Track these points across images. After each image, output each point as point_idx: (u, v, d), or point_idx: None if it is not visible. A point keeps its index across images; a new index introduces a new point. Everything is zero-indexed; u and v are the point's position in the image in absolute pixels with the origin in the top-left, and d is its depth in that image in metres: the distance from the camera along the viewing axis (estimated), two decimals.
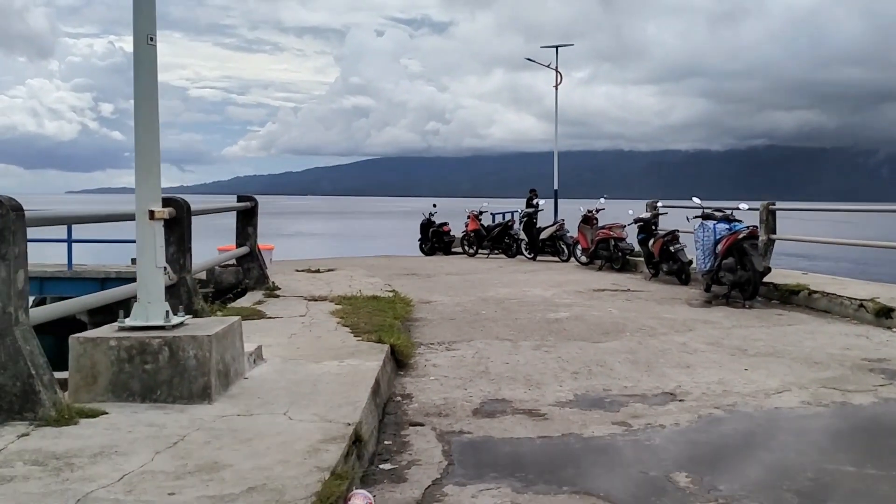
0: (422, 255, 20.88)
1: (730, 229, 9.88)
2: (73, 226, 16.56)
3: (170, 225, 5.89)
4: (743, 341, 6.96)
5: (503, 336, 7.26)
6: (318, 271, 11.59)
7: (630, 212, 13.69)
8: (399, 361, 5.89)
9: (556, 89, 28.80)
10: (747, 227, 9.50)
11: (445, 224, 20.70)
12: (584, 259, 15.07)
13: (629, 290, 11.02)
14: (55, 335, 5.89)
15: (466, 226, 19.57)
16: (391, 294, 8.82)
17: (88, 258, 17.84)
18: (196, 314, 5.94)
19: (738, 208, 10.57)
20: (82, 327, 14.23)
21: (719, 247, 9.78)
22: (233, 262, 9.25)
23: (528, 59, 28.79)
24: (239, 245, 9.05)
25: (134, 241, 12.36)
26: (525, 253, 17.42)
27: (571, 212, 22.56)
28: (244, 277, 9.17)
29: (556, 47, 28.59)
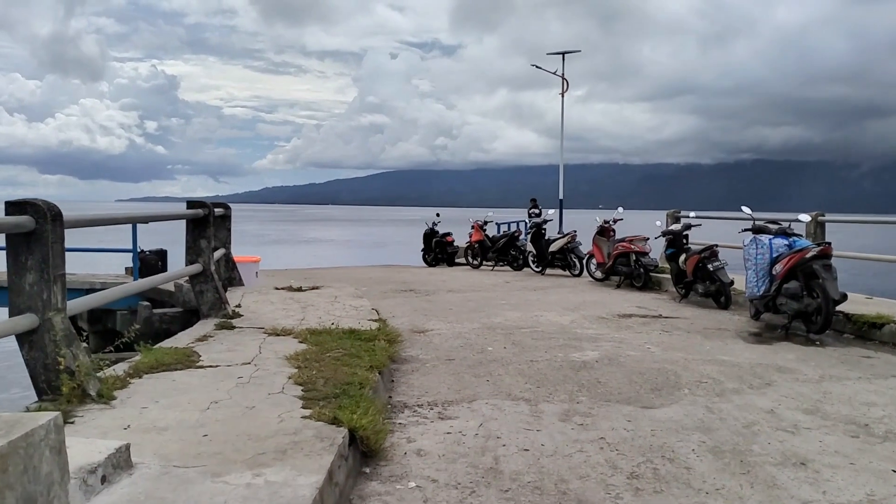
0: (425, 265, 18.65)
1: (789, 246, 7.61)
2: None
3: (27, 243, 3.66)
4: (851, 407, 4.68)
5: (517, 392, 5.00)
6: (299, 289, 9.35)
7: (658, 223, 11.39)
8: (367, 446, 3.63)
9: (563, 97, 26.53)
10: (818, 245, 7.21)
11: (449, 234, 18.41)
12: (598, 275, 12.78)
13: (661, 315, 8.72)
14: None
15: (470, 236, 17.31)
16: (375, 326, 6.56)
17: (80, 266, 15.82)
18: (60, 374, 3.70)
19: (797, 220, 8.30)
20: (81, 335, 12.09)
21: (777, 267, 7.50)
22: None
23: (534, 66, 26.57)
24: (189, 262, 6.81)
25: (124, 250, 10.14)
26: (532, 266, 15.14)
27: (577, 222, 20.28)
28: (198, 302, 6.94)
29: (563, 54, 26.33)
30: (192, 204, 6.69)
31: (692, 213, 10.94)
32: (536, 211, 23.34)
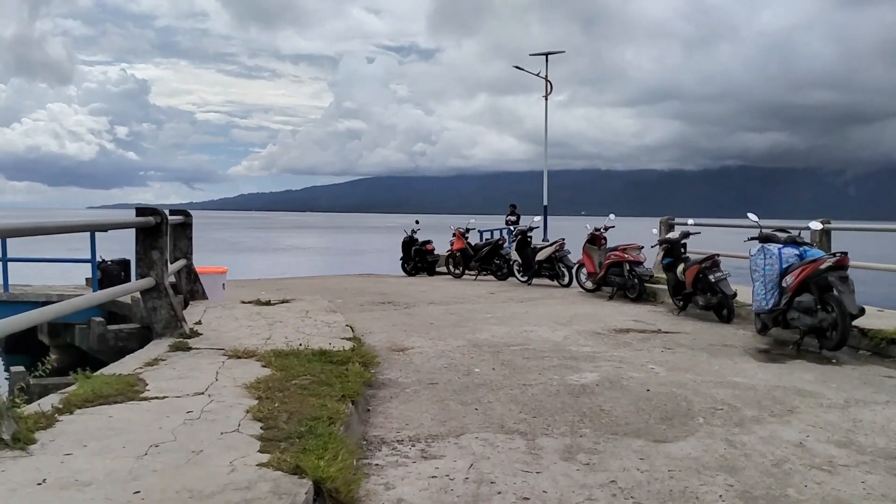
0: (404, 274, 18.15)
1: (800, 256, 7.24)
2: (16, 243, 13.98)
3: None
4: (887, 438, 4.25)
5: (511, 423, 4.51)
6: (268, 303, 8.78)
7: (654, 231, 10.99)
8: (336, 499, 3.12)
9: (546, 99, 26.22)
10: (833, 255, 6.81)
11: (429, 242, 17.92)
12: (589, 285, 12.35)
13: (660, 330, 8.30)
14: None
15: (452, 244, 16.83)
16: (349, 346, 6.03)
17: (42, 278, 15.15)
18: None
19: (807, 227, 7.93)
20: (44, 350, 11.44)
21: (788, 279, 7.11)
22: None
23: (517, 68, 26.20)
24: (140, 275, 6.25)
25: (83, 260, 9.61)
26: (518, 276, 14.69)
27: (562, 229, 19.88)
28: (150, 320, 6.37)
29: (546, 55, 26.04)
30: (141, 211, 6.12)
31: (690, 221, 10.54)
32: (513, 218, 22.95)
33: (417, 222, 18.83)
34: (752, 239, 7.81)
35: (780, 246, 7.37)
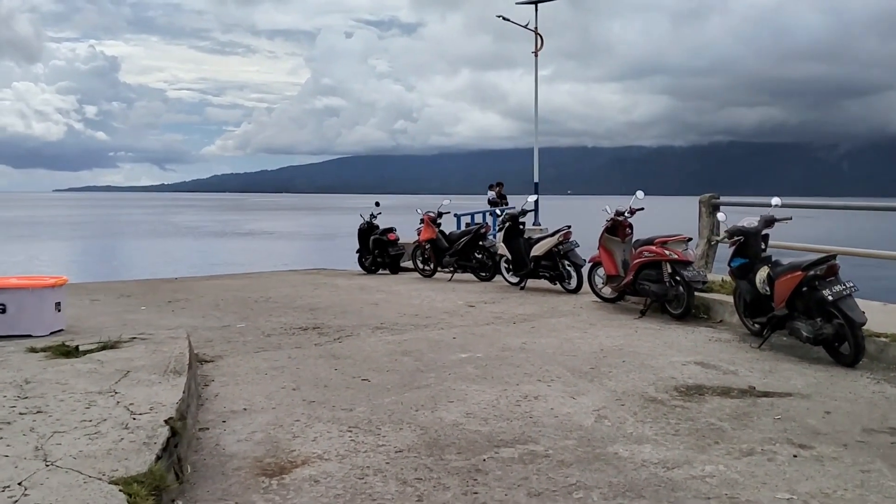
0: (363, 271, 14.73)
1: None
2: None
3: None
4: None
5: None
6: (72, 352, 5.26)
7: (721, 217, 7.63)
8: None
9: (536, 56, 22.83)
10: None
11: (391, 231, 14.41)
12: (607, 292, 9.05)
13: (753, 388, 5.02)
14: None
15: (419, 233, 13.42)
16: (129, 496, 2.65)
17: None
18: None
19: None
20: None
21: None
22: None
23: (501, 17, 22.75)
24: None
25: None
26: (506, 276, 11.34)
27: (557, 211, 16.70)
28: None
29: (536, 3, 22.59)
30: None
31: (775, 200, 7.13)
32: (493, 194, 19.59)
33: (378, 204, 15.36)
34: None
35: None
